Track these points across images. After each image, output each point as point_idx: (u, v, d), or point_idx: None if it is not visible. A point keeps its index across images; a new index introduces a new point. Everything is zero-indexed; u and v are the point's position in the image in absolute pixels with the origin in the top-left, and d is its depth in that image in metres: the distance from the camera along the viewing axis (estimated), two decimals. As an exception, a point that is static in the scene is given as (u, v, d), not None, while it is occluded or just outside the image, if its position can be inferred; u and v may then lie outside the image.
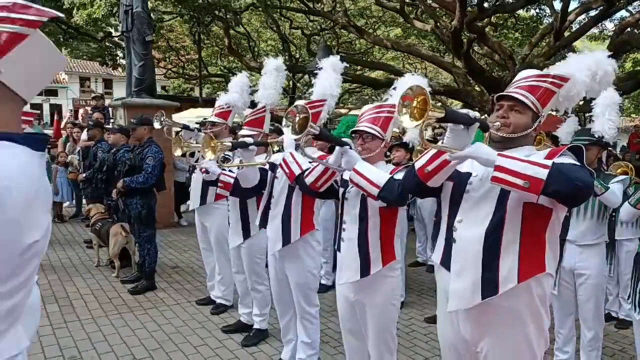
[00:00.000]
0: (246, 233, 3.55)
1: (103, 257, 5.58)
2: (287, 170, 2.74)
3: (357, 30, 13.39)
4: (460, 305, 1.86)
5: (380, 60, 18.40)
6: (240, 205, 3.53)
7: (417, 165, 1.93)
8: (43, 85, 1.31)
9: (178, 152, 3.38)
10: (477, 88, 11.96)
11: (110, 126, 6.94)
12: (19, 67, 1.13)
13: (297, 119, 2.10)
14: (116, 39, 15.23)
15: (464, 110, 1.83)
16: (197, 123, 5.12)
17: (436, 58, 14.05)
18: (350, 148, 2.27)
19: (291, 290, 3.08)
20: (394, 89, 2.45)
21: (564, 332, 3.38)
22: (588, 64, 1.90)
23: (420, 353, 3.69)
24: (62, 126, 9.58)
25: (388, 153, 4.32)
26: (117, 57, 16.65)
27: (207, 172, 3.53)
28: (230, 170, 3.45)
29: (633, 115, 18.99)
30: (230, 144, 2.81)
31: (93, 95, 11.55)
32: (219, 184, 3.43)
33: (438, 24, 12.05)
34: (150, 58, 7.58)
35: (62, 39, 14.46)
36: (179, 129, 4.62)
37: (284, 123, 2.16)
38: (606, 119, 3.23)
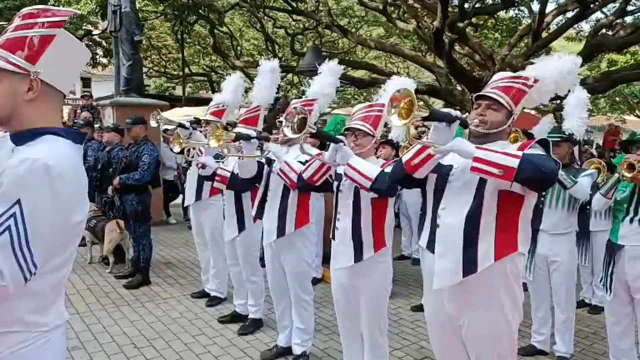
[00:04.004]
0: (241, 226, 3.73)
1: (95, 254, 5.68)
2: (287, 180, 2.94)
3: (340, 30, 13.59)
4: (444, 283, 2.07)
5: (364, 60, 18.66)
6: (236, 200, 3.71)
7: (404, 158, 2.15)
8: (76, 77, 1.47)
9: (177, 149, 3.53)
10: (459, 87, 12.27)
11: (98, 125, 7.01)
12: (53, 65, 1.29)
13: (296, 119, 2.29)
14: (96, 37, 15.17)
15: (446, 110, 2.05)
16: (189, 122, 5.26)
17: (418, 58, 14.33)
18: (344, 145, 2.47)
19: (286, 278, 3.27)
20: (384, 90, 2.68)
21: (540, 315, 3.64)
22: (556, 66, 2.12)
23: (407, 338, 3.91)
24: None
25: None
26: (97, 56, 16.56)
27: (204, 167, 3.69)
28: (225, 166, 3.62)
29: (609, 114, 19.61)
30: (234, 134, 2.98)
31: (82, 94, 11.52)
32: (216, 178, 3.60)
33: (420, 24, 12.32)
34: (138, 57, 7.67)
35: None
36: (169, 127, 4.76)
37: (283, 123, 2.35)
38: (576, 117, 3.50)
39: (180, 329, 3.94)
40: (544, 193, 3.38)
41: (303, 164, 2.99)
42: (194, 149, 4.09)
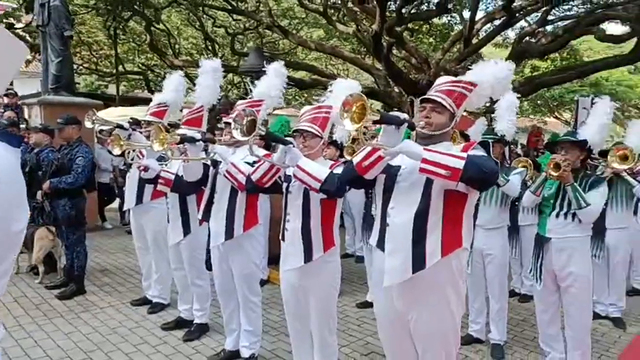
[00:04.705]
0: (186, 229, 3.64)
1: (23, 263, 5.30)
2: (234, 182, 2.91)
3: (281, 30, 13.60)
4: (394, 280, 2.14)
5: (304, 61, 18.75)
6: (180, 202, 3.62)
7: (355, 160, 2.20)
8: (11, 76, 1.35)
9: (117, 151, 3.39)
10: (396, 89, 12.66)
11: (24, 125, 6.55)
12: None
13: (245, 121, 2.27)
14: (19, 31, 14.10)
15: (395, 113, 2.12)
16: (128, 122, 5.05)
17: (358, 60, 14.63)
18: (293, 146, 2.49)
19: (234, 281, 3.23)
20: (330, 91, 2.73)
21: (476, 306, 3.87)
22: (492, 71, 2.26)
23: (353, 335, 4.00)
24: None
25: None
26: (20, 52, 15.36)
27: (146, 169, 3.57)
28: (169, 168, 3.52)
29: (532, 116, 20.99)
30: (178, 137, 2.91)
31: (6, 92, 10.65)
32: (160, 181, 3.49)
33: (359, 27, 12.59)
34: (68, 54, 7.24)
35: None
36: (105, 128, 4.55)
37: (232, 126, 2.32)
38: (506, 120, 3.75)
39: (121, 338, 3.77)
40: (479, 191, 3.58)
41: (251, 165, 2.98)
42: (134, 151, 3.95)
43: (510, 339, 3.94)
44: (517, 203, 4.37)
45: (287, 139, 2.54)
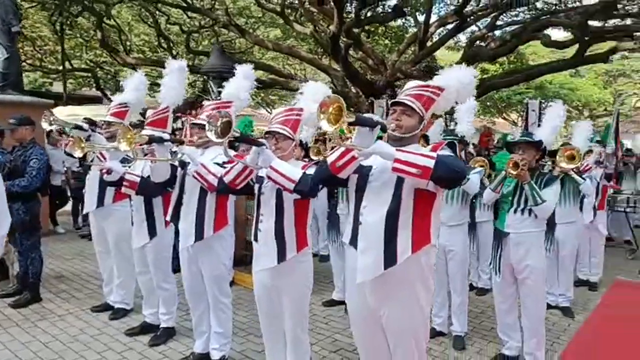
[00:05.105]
0: (152, 232, 3.58)
1: (-30, 271, 5.02)
2: (204, 183, 2.90)
3: (238, 30, 13.47)
4: (367, 277, 2.22)
5: (261, 60, 18.64)
6: (146, 205, 3.55)
7: (329, 160, 2.26)
8: None
9: (78, 153, 3.28)
10: (354, 90, 12.85)
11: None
12: None
13: (219, 122, 2.28)
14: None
15: (368, 115, 2.20)
16: (83, 122, 4.88)
17: (315, 60, 14.71)
18: (266, 148, 2.52)
19: (204, 282, 3.21)
20: (301, 93, 2.77)
21: (439, 300, 4.02)
22: (457, 76, 2.38)
23: (321, 333, 4.06)
24: None
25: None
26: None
27: (109, 172, 3.48)
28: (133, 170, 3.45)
29: (482, 117, 21.87)
30: (146, 137, 2.86)
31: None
32: (124, 183, 3.40)
33: (317, 28, 12.68)
34: (15, 50, 6.88)
35: None
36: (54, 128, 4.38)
37: (207, 128, 2.32)
38: (466, 122, 3.92)
39: (83, 346, 3.66)
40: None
41: (220, 165, 2.97)
42: (93, 152, 3.84)
43: (470, 330, 4.12)
44: (474, 200, 4.59)
45: (260, 140, 2.56)
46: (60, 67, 16.83)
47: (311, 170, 2.51)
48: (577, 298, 5.00)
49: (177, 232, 3.72)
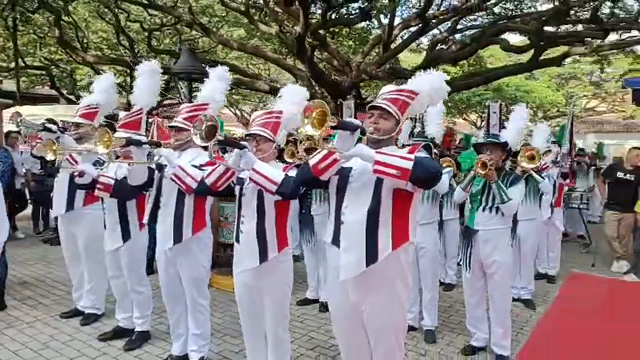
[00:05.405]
0: (126, 235, 3.54)
1: None
2: (182, 185, 2.91)
3: (202, 29, 13.30)
4: (350, 274, 2.30)
5: (225, 60, 18.44)
6: (120, 207, 3.51)
7: (311, 163, 2.33)
8: None
9: (50, 156, 3.20)
10: (319, 90, 12.94)
11: None
12: None
13: (204, 126, 2.30)
14: None
15: (349, 119, 2.28)
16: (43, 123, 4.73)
17: (280, 60, 14.72)
18: (248, 150, 2.56)
19: (182, 285, 3.21)
20: (279, 96, 2.84)
21: (411, 296, 4.14)
22: (429, 81, 2.50)
23: (297, 331, 4.11)
24: None
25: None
26: None
27: (81, 175, 3.41)
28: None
29: (444, 118, 22.47)
30: (124, 140, 2.84)
31: None
32: (98, 186, 3.35)
33: (282, 28, 12.69)
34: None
35: None
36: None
37: (191, 132, 2.34)
38: (434, 124, 4.08)
39: (55, 353, 3.57)
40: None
41: (198, 168, 2.99)
42: (61, 154, 3.74)
43: (440, 324, 4.28)
44: (442, 199, 4.77)
45: (242, 142, 2.59)
46: (12, 65, 16.09)
47: (292, 172, 2.57)
48: (538, 290, 5.28)
49: (150, 235, 3.71)
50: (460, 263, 3.60)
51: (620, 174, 6.54)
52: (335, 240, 2.37)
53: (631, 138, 21.03)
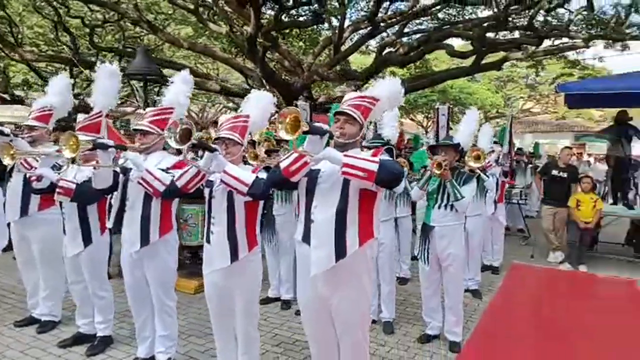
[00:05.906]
0: (87, 240, 3.49)
1: None
2: (149, 189, 2.93)
3: (149, 26, 12.98)
4: (320, 269, 2.44)
5: (171, 59, 18.01)
6: (80, 212, 3.45)
7: (282, 165, 2.45)
8: None
9: (8, 161, 3.10)
10: (270, 90, 12.97)
11: None
12: None
13: (179, 129, 2.35)
14: None
15: (318, 124, 2.41)
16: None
17: (230, 60, 14.61)
18: (219, 153, 2.63)
19: (148, 287, 3.22)
20: (246, 101, 2.93)
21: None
22: (388, 87, 2.68)
23: (262, 329, 4.08)
24: None
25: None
26: None
27: (39, 179, 3.33)
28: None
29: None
30: (90, 144, 2.81)
31: None
32: (58, 190, 3.28)
33: (233, 28, 12.62)
34: None
35: None
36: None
37: (166, 135, 2.38)
38: (390, 126, 4.30)
39: (12, 363, 3.47)
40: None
41: (164, 171, 3.02)
42: (19, 157, 3.63)
43: (397, 316, 4.51)
44: (396, 198, 5.00)
45: (213, 146, 2.66)
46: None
47: (261, 174, 2.68)
48: (484, 281, 5.66)
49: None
50: (418, 257, 3.82)
51: (554, 172, 7.09)
52: (306, 238, 2.50)
53: (563, 137, 22.68)
